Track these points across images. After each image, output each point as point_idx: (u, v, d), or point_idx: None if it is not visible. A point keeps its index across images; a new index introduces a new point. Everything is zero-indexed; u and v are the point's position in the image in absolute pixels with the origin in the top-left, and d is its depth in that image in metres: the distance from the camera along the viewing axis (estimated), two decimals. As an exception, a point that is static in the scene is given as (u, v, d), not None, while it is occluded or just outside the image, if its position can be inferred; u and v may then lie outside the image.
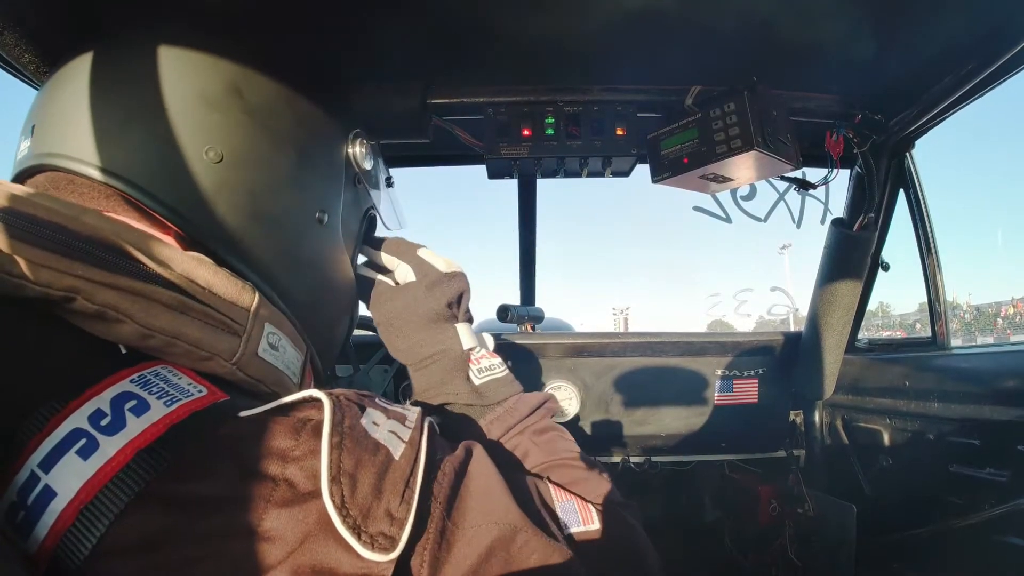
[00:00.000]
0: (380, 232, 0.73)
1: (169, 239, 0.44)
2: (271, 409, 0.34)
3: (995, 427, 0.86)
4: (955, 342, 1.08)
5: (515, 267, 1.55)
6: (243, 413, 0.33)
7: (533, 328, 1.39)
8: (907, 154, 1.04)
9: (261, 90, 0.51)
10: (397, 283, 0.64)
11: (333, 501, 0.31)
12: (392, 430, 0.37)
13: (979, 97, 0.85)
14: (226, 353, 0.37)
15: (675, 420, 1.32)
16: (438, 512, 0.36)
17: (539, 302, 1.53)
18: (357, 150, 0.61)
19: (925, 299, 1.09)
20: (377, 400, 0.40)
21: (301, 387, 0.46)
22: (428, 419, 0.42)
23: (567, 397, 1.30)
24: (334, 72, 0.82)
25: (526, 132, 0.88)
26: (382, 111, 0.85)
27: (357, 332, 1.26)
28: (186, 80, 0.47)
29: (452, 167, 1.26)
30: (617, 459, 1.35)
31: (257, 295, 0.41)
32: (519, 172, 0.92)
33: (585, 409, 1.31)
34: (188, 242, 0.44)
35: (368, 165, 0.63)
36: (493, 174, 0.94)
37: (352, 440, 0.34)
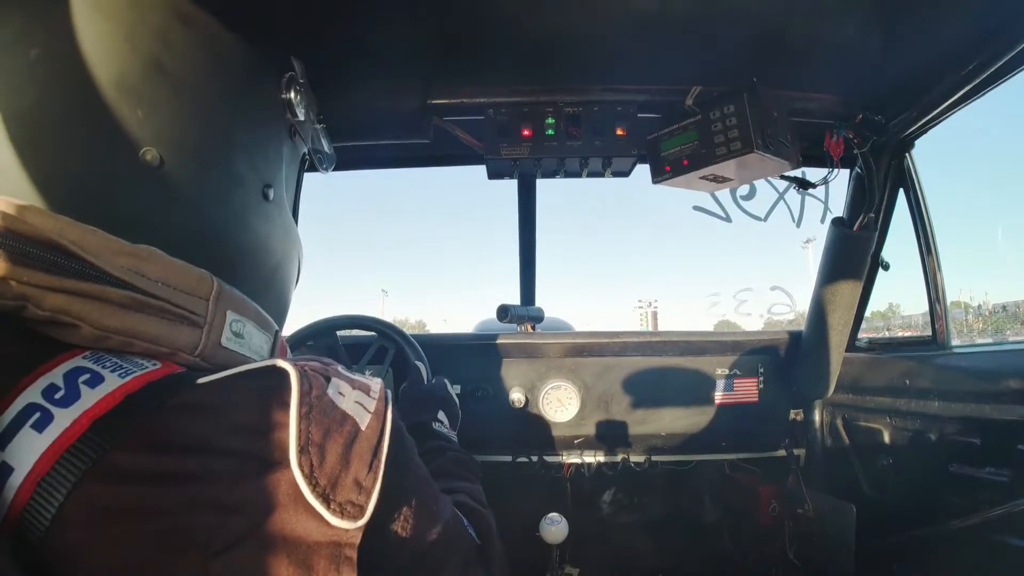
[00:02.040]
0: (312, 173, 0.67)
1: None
2: (232, 375, 0.34)
3: (995, 426, 0.86)
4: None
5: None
6: (201, 380, 0.33)
7: (533, 328, 1.39)
8: (907, 154, 1.04)
9: (184, 52, 0.42)
10: None
11: (302, 471, 0.31)
12: (358, 400, 0.37)
13: (979, 97, 0.85)
14: (188, 347, 0.36)
15: (675, 419, 1.32)
16: (410, 484, 0.39)
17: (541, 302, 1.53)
18: (292, 97, 0.52)
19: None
20: (340, 369, 0.40)
21: None
22: (388, 390, 0.42)
23: (567, 397, 1.30)
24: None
25: (526, 132, 0.88)
26: (383, 111, 0.85)
27: (347, 333, 1.27)
28: (100, 66, 0.38)
29: (452, 167, 1.27)
30: (618, 458, 1.35)
31: (216, 282, 0.39)
32: (519, 172, 0.92)
33: (585, 409, 1.31)
34: None
35: (303, 113, 0.54)
36: (493, 174, 0.94)
37: (319, 411, 0.34)
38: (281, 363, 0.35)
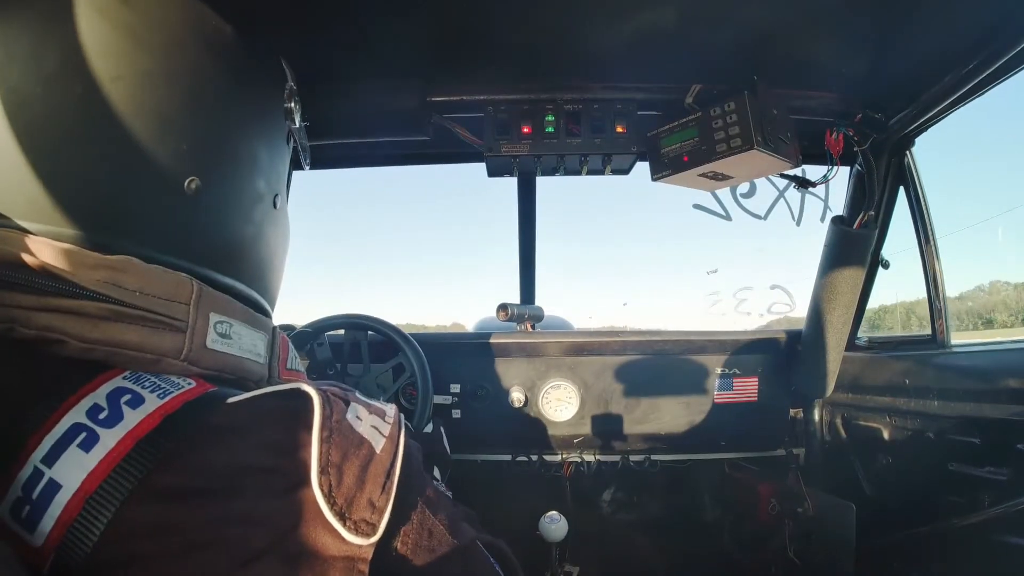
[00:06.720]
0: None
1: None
2: (258, 397, 0.36)
3: (995, 425, 0.86)
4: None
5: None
6: (231, 400, 0.35)
7: (532, 327, 1.39)
8: (907, 152, 1.04)
9: (220, 89, 0.44)
10: None
11: (322, 490, 0.33)
12: (374, 425, 0.40)
13: (979, 95, 0.85)
14: (172, 352, 0.36)
15: (675, 418, 1.32)
16: (421, 505, 0.39)
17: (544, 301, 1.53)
18: (292, 107, 0.54)
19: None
20: (358, 395, 0.43)
21: (272, 363, 0.47)
22: (402, 415, 0.44)
23: (567, 396, 1.30)
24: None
25: (526, 130, 0.88)
26: (382, 108, 0.85)
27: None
28: (142, 98, 0.38)
29: (452, 165, 1.27)
30: (617, 457, 1.35)
31: (195, 286, 0.39)
32: (519, 170, 0.92)
33: (585, 407, 1.31)
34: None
35: (299, 120, 0.56)
36: (493, 172, 0.94)
37: (339, 434, 0.36)
38: (305, 387, 0.37)
